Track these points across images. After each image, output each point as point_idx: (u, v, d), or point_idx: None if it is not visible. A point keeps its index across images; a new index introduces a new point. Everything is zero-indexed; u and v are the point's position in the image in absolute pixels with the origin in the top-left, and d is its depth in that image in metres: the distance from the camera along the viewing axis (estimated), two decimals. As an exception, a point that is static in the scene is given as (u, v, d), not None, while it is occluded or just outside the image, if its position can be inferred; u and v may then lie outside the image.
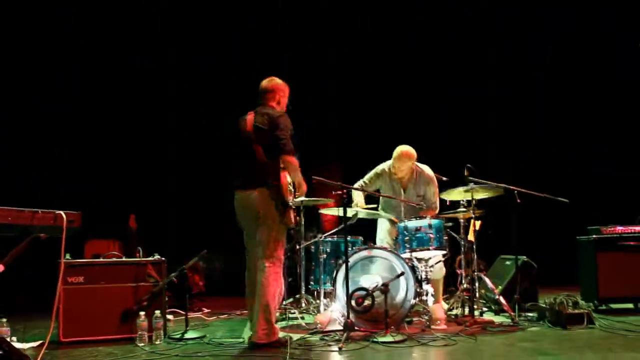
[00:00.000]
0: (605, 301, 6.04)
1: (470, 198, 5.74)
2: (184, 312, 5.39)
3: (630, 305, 6.11)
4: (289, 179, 4.76)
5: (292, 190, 4.82)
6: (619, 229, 6.17)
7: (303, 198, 5.38)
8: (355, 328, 4.93)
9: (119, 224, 8.35)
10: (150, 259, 5.31)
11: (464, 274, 5.90)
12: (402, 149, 6.06)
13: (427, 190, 6.18)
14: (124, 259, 5.32)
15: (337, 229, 6.05)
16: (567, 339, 4.65)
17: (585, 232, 6.33)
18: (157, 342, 4.86)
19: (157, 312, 4.97)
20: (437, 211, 6.16)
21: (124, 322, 5.06)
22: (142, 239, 7.82)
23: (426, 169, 6.23)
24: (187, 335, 5.04)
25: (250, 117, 4.83)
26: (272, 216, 4.67)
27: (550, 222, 8.72)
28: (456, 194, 5.86)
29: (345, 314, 4.93)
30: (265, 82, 4.97)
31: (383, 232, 6.35)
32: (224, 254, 9.15)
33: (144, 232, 8.15)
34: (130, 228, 7.76)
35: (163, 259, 5.35)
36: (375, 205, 6.29)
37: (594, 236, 6.12)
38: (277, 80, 4.99)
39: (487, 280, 5.83)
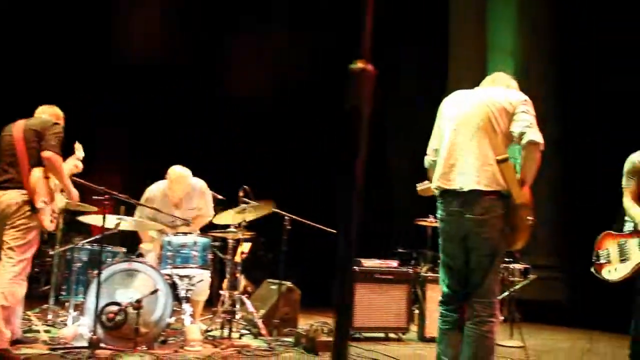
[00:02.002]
0: (360, 330, 6.28)
1: (241, 219, 5.70)
2: None
3: (382, 335, 6.42)
4: (54, 182, 4.63)
5: (54, 193, 4.67)
6: (377, 262, 6.50)
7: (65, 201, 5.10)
8: (102, 345, 4.59)
9: None
10: None
11: (226, 296, 5.79)
12: (177, 172, 5.90)
13: (202, 203, 6.11)
14: None
15: (95, 237, 5.66)
16: (315, 366, 4.73)
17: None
18: None
19: None
20: (209, 219, 6.10)
21: None
22: None
23: (199, 182, 6.11)
24: None
25: (21, 121, 4.74)
26: (20, 218, 4.46)
27: (323, 250, 8.96)
28: (228, 215, 5.77)
29: (93, 329, 4.58)
30: (44, 107, 4.98)
31: (149, 245, 6.06)
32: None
33: None
34: None
35: None
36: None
37: (355, 267, 6.37)
38: (57, 109, 5.02)
39: (248, 303, 5.79)
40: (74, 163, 5.11)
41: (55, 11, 8.71)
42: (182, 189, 5.91)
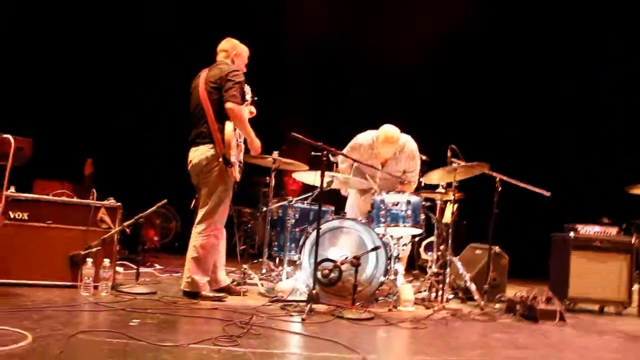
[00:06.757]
0: (574, 300, 5.85)
1: (450, 180, 5.45)
2: (134, 266, 5.00)
3: (595, 307, 5.94)
4: (238, 134, 4.76)
5: (241, 144, 4.87)
6: (595, 229, 5.96)
7: (276, 157, 5.42)
8: (322, 301, 4.61)
9: (72, 166, 7.87)
10: (104, 202, 4.88)
11: (435, 258, 5.60)
12: (387, 134, 5.59)
13: (410, 165, 5.84)
14: (75, 199, 4.86)
15: (310, 194, 5.69)
16: (540, 334, 4.40)
17: (560, 228, 6.10)
18: (103, 294, 4.45)
19: (106, 261, 4.56)
20: (415, 186, 5.84)
21: (68, 267, 4.64)
22: (98, 185, 7.36)
23: (409, 142, 5.80)
24: (136, 290, 4.63)
25: (203, 73, 4.82)
26: (212, 173, 4.66)
27: (526, 214, 8.48)
28: (437, 175, 5.52)
29: (310, 284, 4.61)
30: (222, 42, 4.96)
31: (351, 203, 6.01)
32: (182, 213, 8.61)
33: (102, 179, 7.68)
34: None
35: (119, 204, 4.92)
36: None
37: (571, 234, 5.89)
38: (234, 41, 4.97)
39: (459, 265, 5.56)
40: (249, 109, 5.05)
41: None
42: (389, 151, 5.68)
